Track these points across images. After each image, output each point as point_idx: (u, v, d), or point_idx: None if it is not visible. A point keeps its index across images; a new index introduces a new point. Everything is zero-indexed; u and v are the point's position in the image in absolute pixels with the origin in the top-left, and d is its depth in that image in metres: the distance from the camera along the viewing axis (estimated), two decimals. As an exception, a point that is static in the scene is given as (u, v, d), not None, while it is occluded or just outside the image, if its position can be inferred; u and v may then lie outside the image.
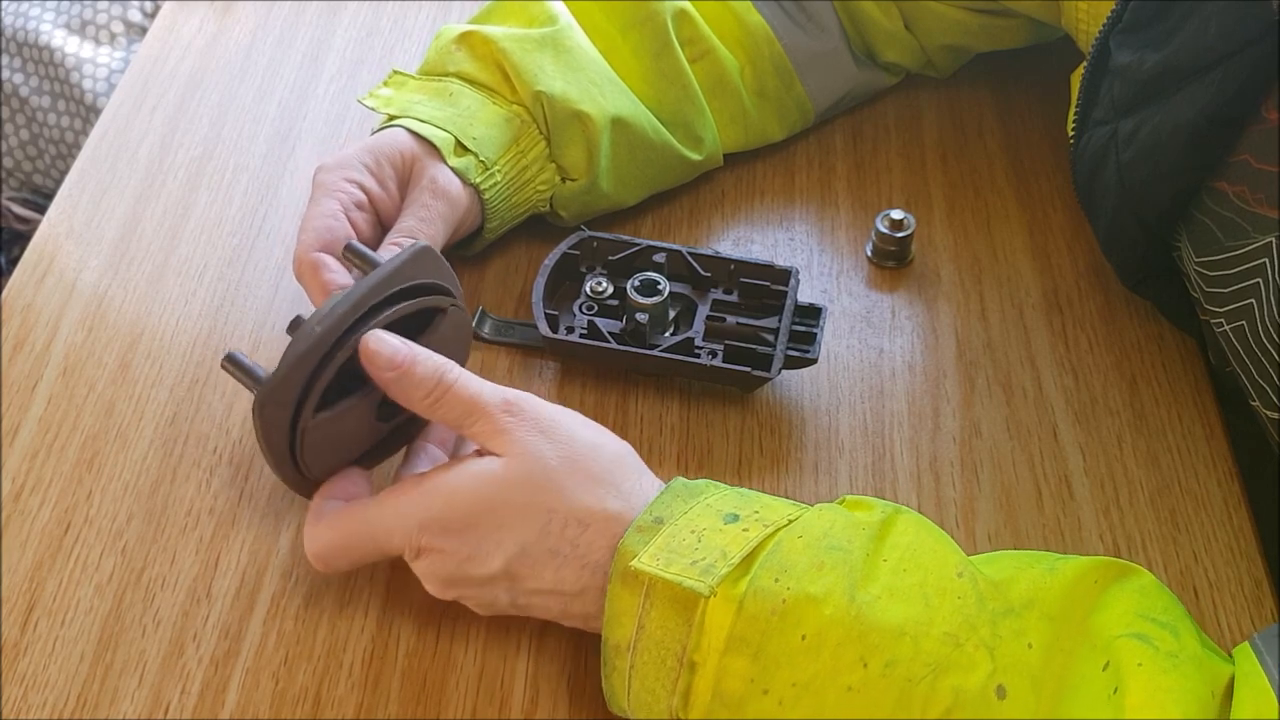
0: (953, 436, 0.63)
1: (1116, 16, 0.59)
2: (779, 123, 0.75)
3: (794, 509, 0.50)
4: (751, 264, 0.64)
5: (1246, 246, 0.54)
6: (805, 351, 0.62)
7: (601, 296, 0.64)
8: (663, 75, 0.69)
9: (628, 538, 0.48)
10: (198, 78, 0.83)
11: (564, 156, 0.66)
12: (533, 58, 0.65)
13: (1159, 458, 0.62)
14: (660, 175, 0.71)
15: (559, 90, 0.65)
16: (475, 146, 0.64)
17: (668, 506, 0.49)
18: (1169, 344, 0.67)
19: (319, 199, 0.61)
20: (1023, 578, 0.46)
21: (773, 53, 0.72)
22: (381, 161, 0.63)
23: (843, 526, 0.48)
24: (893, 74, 0.78)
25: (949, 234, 0.72)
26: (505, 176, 0.65)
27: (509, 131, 0.65)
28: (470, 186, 0.63)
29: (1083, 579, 0.46)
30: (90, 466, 0.61)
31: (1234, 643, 0.55)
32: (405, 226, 0.61)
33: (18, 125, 1.24)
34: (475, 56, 0.67)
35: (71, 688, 0.53)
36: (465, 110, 0.65)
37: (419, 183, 0.62)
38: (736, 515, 0.48)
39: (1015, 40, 0.76)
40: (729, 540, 0.47)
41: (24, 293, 0.69)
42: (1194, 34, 0.54)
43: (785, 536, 0.47)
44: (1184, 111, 0.55)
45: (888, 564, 0.47)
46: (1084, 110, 0.63)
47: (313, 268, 0.59)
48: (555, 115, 0.65)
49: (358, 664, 0.54)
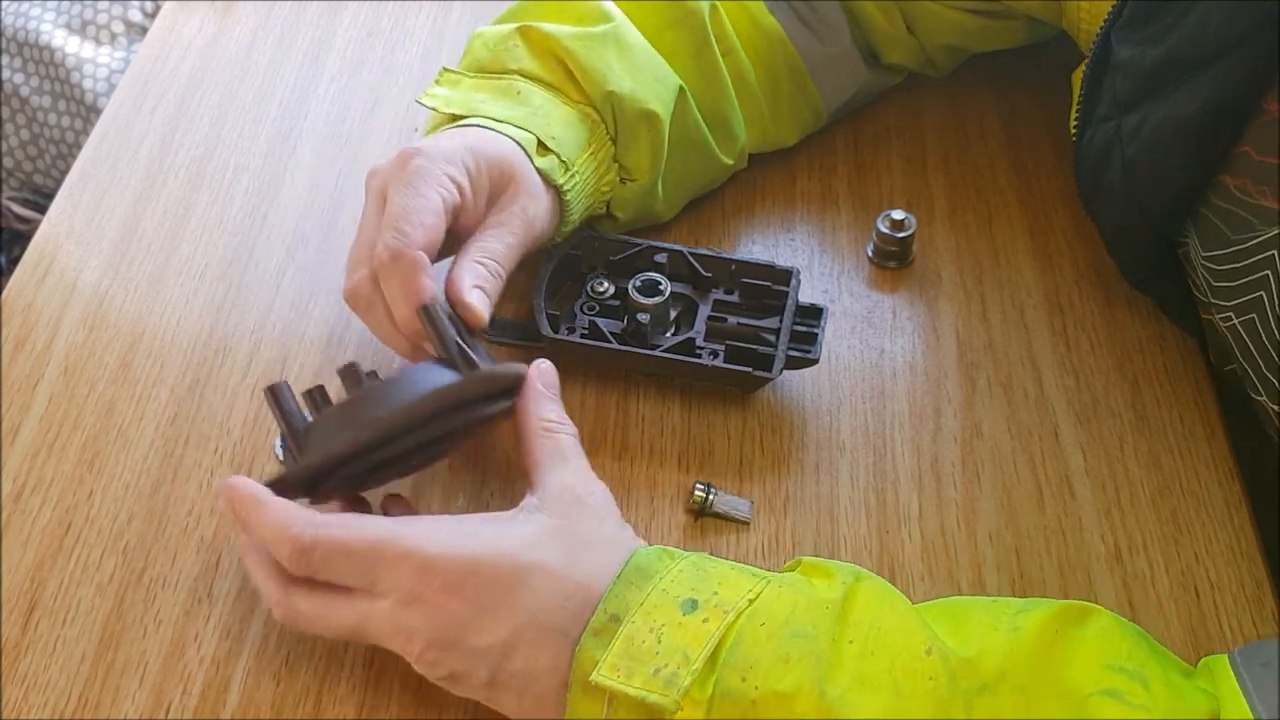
0: (954, 437, 0.63)
1: (1117, 12, 0.59)
2: (793, 125, 0.74)
3: (754, 582, 0.48)
4: (753, 264, 0.64)
5: (1253, 240, 0.54)
6: (806, 352, 0.62)
7: (603, 297, 0.64)
8: (702, 74, 0.68)
9: (584, 643, 0.46)
10: (198, 78, 0.83)
11: (628, 156, 0.65)
12: (599, 55, 0.63)
13: (1160, 458, 0.62)
14: (700, 178, 0.71)
15: (628, 89, 0.63)
16: (555, 146, 0.61)
17: (621, 599, 0.47)
18: (1170, 345, 0.67)
19: (420, 188, 0.55)
20: (990, 648, 0.45)
21: (786, 55, 0.72)
22: (482, 169, 0.58)
23: (805, 608, 0.46)
24: (896, 74, 0.78)
25: (950, 234, 0.72)
26: (583, 178, 0.63)
27: (584, 131, 0.63)
28: (553, 188, 0.61)
29: (1044, 633, 0.45)
30: (91, 466, 0.61)
31: (1234, 643, 0.55)
32: (492, 249, 0.57)
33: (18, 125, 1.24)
34: (536, 54, 0.64)
35: (72, 688, 0.53)
36: (539, 109, 0.62)
37: (511, 207, 0.59)
38: (695, 601, 0.46)
39: (1014, 40, 0.76)
40: (689, 638, 0.45)
41: (25, 292, 0.69)
42: (1195, 27, 0.54)
43: (747, 626, 0.45)
44: (1187, 105, 0.55)
45: (854, 646, 0.45)
46: (1087, 107, 0.63)
47: (415, 267, 0.53)
48: (624, 115, 0.63)
49: (359, 664, 0.54)
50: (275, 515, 0.49)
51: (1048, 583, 0.57)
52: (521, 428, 0.54)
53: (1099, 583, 0.57)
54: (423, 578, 0.47)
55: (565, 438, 0.54)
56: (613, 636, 0.46)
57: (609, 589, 0.47)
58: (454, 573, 0.47)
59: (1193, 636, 0.55)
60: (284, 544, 0.48)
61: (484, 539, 0.48)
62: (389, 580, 0.47)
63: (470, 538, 0.48)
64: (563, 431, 0.54)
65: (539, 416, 0.54)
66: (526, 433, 0.54)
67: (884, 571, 0.57)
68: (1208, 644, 0.55)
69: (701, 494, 0.59)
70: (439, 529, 0.49)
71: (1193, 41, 0.54)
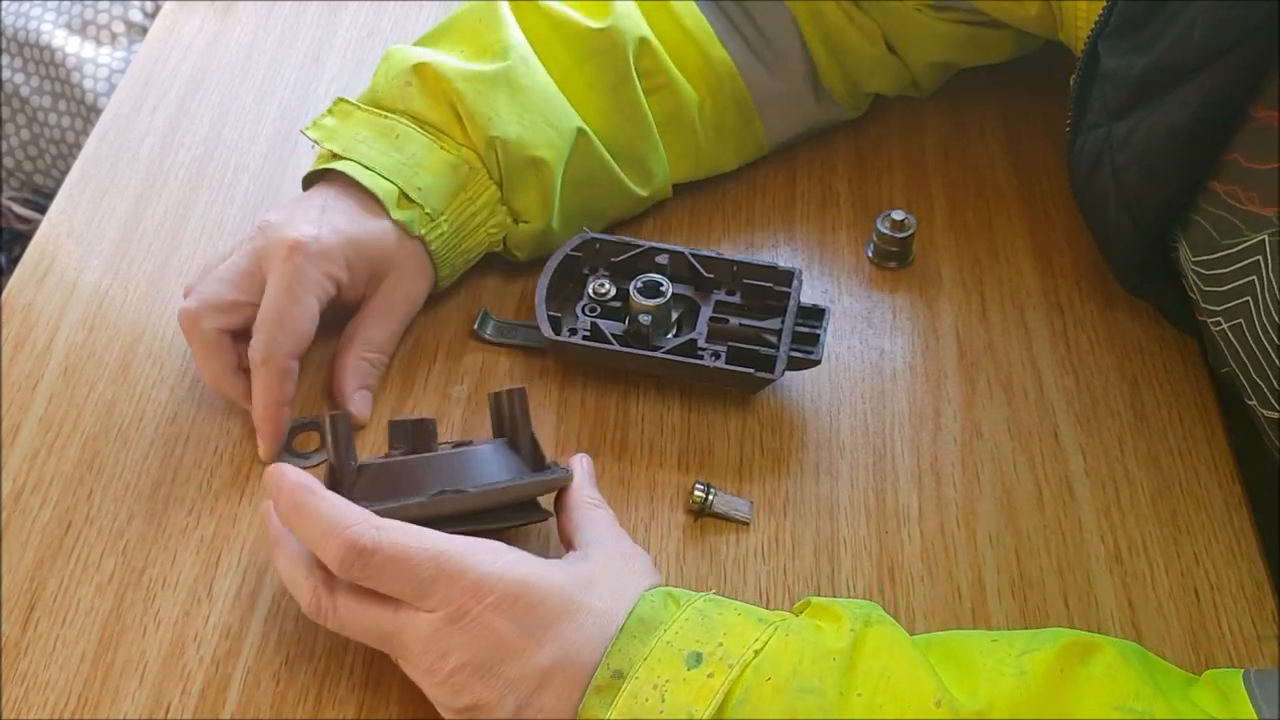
0: (954, 437, 0.63)
1: (1104, 20, 0.59)
2: (734, 155, 0.74)
3: (760, 630, 0.46)
4: (754, 265, 0.64)
5: (1241, 245, 0.54)
6: (808, 353, 0.62)
7: (604, 298, 0.64)
8: (619, 109, 0.67)
9: (587, 701, 0.45)
10: (198, 78, 0.83)
11: (516, 200, 0.65)
12: (486, 100, 0.63)
13: (1160, 459, 0.62)
14: (609, 211, 0.70)
15: (514, 135, 0.63)
16: (420, 198, 0.62)
17: (624, 654, 0.46)
18: (1170, 345, 0.67)
19: (298, 293, 0.58)
20: (999, 696, 0.44)
21: (734, 89, 0.70)
22: (361, 262, 0.61)
23: (811, 659, 0.45)
24: (853, 109, 0.76)
25: (950, 234, 0.72)
26: (452, 225, 0.63)
27: (456, 179, 0.63)
28: (415, 239, 0.62)
29: (1050, 676, 0.44)
30: (91, 466, 0.61)
31: (1234, 644, 0.55)
32: (374, 340, 0.63)
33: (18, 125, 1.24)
34: (427, 93, 0.64)
35: (72, 687, 0.53)
36: (411, 158, 0.62)
37: (389, 296, 0.63)
38: (699, 655, 0.45)
39: (1001, 53, 0.75)
40: (694, 695, 0.44)
41: (25, 292, 0.69)
42: (1181, 35, 0.54)
43: (753, 681, 0.44)
44: (1175, 113, 0.55)
45: (862, 699, 0.44)
46: (1077, 114, 0.63)
47: (283, 376, 0.59)
48: (510, 161, 0.63)
49: (359, 664, 0.54)
50: (332, 509, 0.48)
51: (1047, 583, 0.57)
52: (568, 503, 0.55)
53: (1098, 583, 0.57)
54: (475, 595, 0.46)
55: (603, 512, 0.55)
56: (616, 694, 0.45)
57: (611, 643, 0.46)
58: (507, 593, 0.46)
59: (1192, 637, 0.55)
60: (339, 542, 0.47)
61: (538, 566, 0.48)
62: (441, 595, 0.47)
63: (526, 562, 0.48)
64: (601, 508, 0.55)
65: (587, 493, 0.55)
66: (574, 505, 0.54)
67: (884, 571, 0.57)
68: (1207, 645, 0.55)
69: (701, 494, 0.59)
70: (500, 551, 0.48)
71: (1180, 49, 0.54)
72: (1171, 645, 0.55)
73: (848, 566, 0.58)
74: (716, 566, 0.58)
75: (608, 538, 0.53)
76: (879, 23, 0.72)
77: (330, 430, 0.53)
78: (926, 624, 0.56)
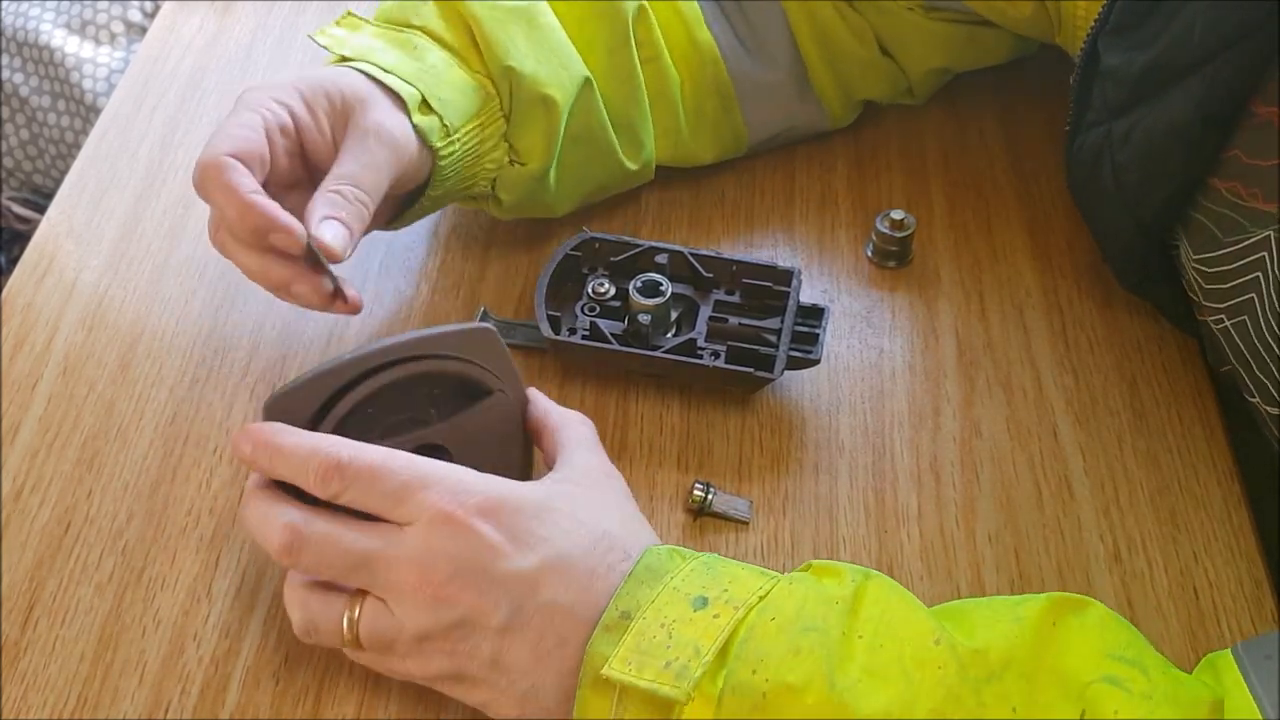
0: (953, 436, 0.63)
1: (1104, 18, 0.59)
2: (711, 145, 0.73)
3: (764, 580, 0.48)
4: (754, 265, 0.64)
5: (1244, 242, 0.54)
6: (808, 352, 0.62)
7: (604, 298, 0.64)
8: (615, 73, 0.66)
9: (595, 639, 0.46)
10: (198, 78, 0.83)
11: (520, 139, 0.63)
12: (505, 29, 0.61)
13: (1159, 458, 0.62)
14: (599, 177, 0.69)
15: (529, 69, 0.61)
16: (440, 108, 0.59)
17: (632, 596, 0.47)
18: (1169, 344, 0.67)
19: (240, 114, 0.55)
20: (996, 637, 0.45)
21: (716, 74, 0.70)
22: (318, 94, 0.57)
23: (815, 603, 0.46)
24: (842, 117, 0.76)
25: (949, 234, 0.72)
26: (464, 147, 0.60)
27: (475, 101, 0.61)
28: (428, 149, 0.59)
29: (1044, 621, 0.45)
30: (90, 466, 0.61)
31: (1232, 643, 0.55)
32: (346, 172, 0.55)
33: (18, 125, 1.24)
34: (443, 15, 0.61)
35: (72, 687, 0.53)
36: (431, 68, 0.60)
37: (361, 125, 0.56)
38: (705, 599, 0.46)
39: (998, 55, 0.75)
40: (700, 632, 0.45)
41: (24, 292, 0.69)
42: (1181, 32, 0.54)
43: (758, 620, 0.45)
44: (1176, 111, 0.55)
45: (864, 640, 0.45)
46: (1076, 113, 0.63)
47: (219, 168, 0.52)
48: (521, 95, 0.61)
49: (358, 664, 0.54)
50: (305, 439, 0.49)
51: (1047, 582, 0.57)
52: (541, 419, 0.55)
53: (1098, 582, 0.57)
54: (456, 498, 0.47)
55: (581, 425, 0.55)
56: (624, 632, 0.46)
57: (620, 587, 0.47)
58: (487, 499, 0.47)
59: (1191, 636, 0.55)
60: (315, 462, 0.47)
61: (514, 483, 0.49)
62: (419, 501, 0.47)
63: (501, 479, 0.49)
64: (579, 420, 0.55)
65: (557, 409, 0.56)
66: (549, 421, 0.55)
67: (883, 571, 0.57)
68: (1206, 644, 0.55)
69: (700, 493, 0.59)
70: (473, 470, 0.49)
71: (1180, 46, 0.54)
72: (1170, 644, 0.55)
73: (847, 566, 0.58)
74: (716, 566, 0.58)
75: (591, 459, 0.53)
76: (871, 23, 0.72)
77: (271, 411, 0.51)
78: (926, 623, 0.56)
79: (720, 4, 0.71)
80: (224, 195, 0.53)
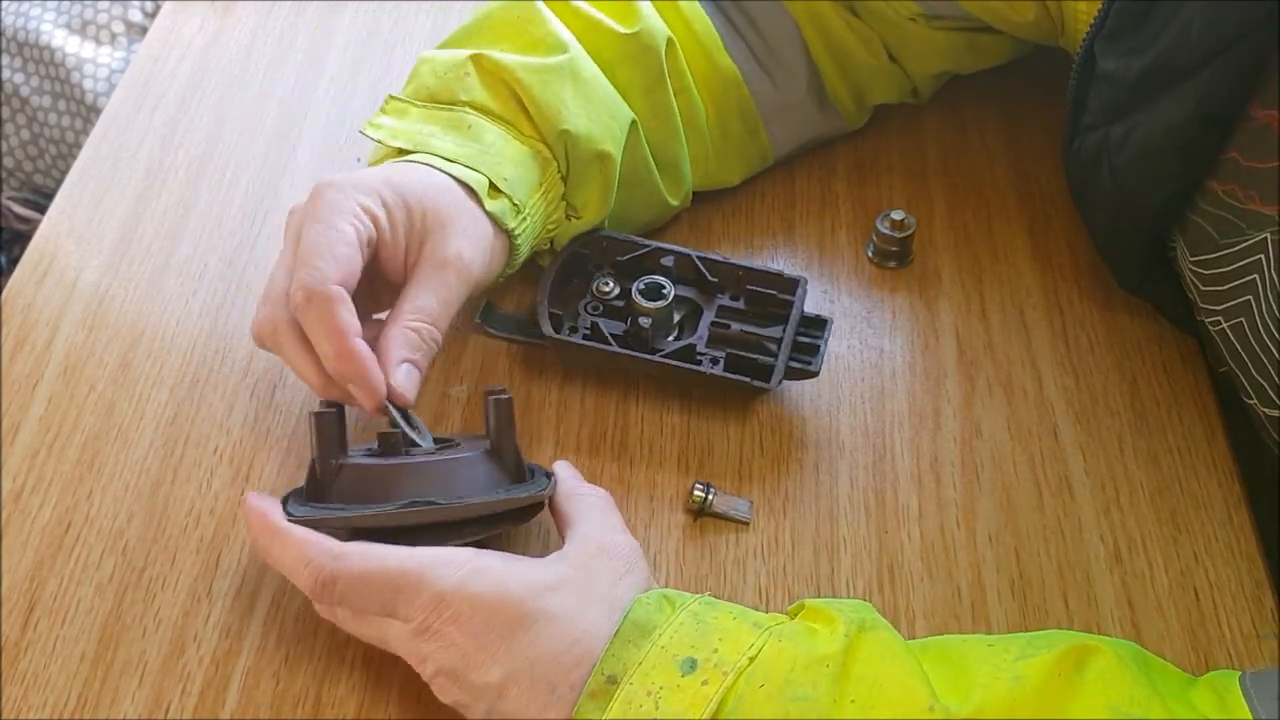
0: (953, 437, 0.63)
1: (1100, 23, 0.59)
2: (739, 167, 0.72)
3: (754, 636, 0.46)
4: (760, 272, 0.64)
5: (1241, 244, 0.54)
6: (807, 364, 0.61)
7: (607, 297, 0.64)
8: (654, 112, 0.65)
9: (581, 706, 0.45)
10: (198, 78, 0.83)
11: (578, 195, 0.62)
12: (553, 90, 0.60)
13: (1159, 458, 0.62)
14: (642, 216, 0.69)
15: (583, 129, 0.60)
16: (508, 188, 0.58)
17: (619, 659, 0.46)
18: (1169, 344, 0.67)
19: (331, 220, 0.52)
20: (992, 701, 0.44)
21: (740, 98, 0.69)
22: (399, 205, 0.55)
23: (804, 665, 0.45)
24: (856, 120, 0.76)
25: (950, 234, 0.72)
26: (533, 220, 0.60)
27: (535, 170, 0.60)
28: (504, 232, 0.58)
29: (1046, 679, 0.44)
30: (91, 466, 0.61)
31: (1233, 644, 0.55)
32: (423, 307, 0.54)
33: (18, 125, 1.24)
34: (488, 85, 0.60)
35: (72, 688, 0.53)
36: (490, 147, 0.59)
37: (440, 255, 0.55)
38: (694, 661, 0.45)
39: (999, 56, 0.75)
40: (688, 702, 0.44)
41: (24, 292, 0.69)
42: (1178, 36, 0.54)
43: (746, 688, 0.45)
44: (1173, 114, 0.55)
45: (855, 704, 0.44)
46: (1074, 116, 0.63)
47: (330, 303, 0.51)
48: (578, 155, 0.61)
49: (358, 664, 0.54)
50: (295, 546, 0.50)
51: (1047, 583, 0.57)
52: (556, 497, 0.55)
53: (1098, 583, 0.57)
54: (434, 610, 0.48)
55: (592, 498, 0.54)
56: (609, 699, 0.45)
57: (606, 648, 0.46)
58: (462, 609, 0.47)
59: (1192, 636, 0.55)
60: (304, 577, 0.50)
61: (496, 577, 0.48)
62: (406, 609, 0.48)
63: (484, 573, 0.48)
64: (591, 494, 0.55)
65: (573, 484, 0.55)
66: (561, 498, 0.54)
67: (883, 571, 0.57)
68: (1206, 644, 0.55)
69: (701, 494, 0.59)
70: (456, 560, 0.49)
71: (1177, 50, 0.54)
72: (1171, 644, 0.55)
73: (847, 566, 0.58)
74: (716, 566, 0.58)
75: (589, 530, 0.52)
76: (877, 32, 0.72)
77: (315, 428, 0.52)
78: (926, 623, 0.56)
79: (734, 25, 0.70)
80: (327, 332, 0.51)
